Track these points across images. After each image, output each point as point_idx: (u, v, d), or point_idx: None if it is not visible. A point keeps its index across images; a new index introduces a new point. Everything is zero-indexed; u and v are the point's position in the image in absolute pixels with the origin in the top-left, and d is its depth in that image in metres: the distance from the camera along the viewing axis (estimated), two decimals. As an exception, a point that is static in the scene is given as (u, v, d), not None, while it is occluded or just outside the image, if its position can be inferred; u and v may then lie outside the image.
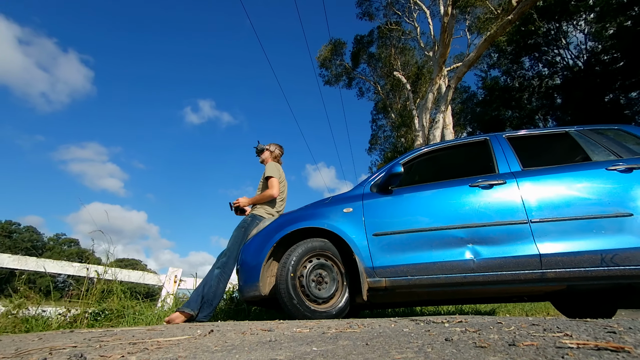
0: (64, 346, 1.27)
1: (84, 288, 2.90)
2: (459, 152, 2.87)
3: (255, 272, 2.36)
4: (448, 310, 4.74)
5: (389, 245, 2.22)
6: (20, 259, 3.08)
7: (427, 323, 1.59)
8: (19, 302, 2.55)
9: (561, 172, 2.20)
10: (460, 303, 2.71)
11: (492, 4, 11.46)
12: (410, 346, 1.02)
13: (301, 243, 2.33)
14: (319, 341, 1.19)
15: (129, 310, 2.83)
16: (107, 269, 3.15)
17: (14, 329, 2.35)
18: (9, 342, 1.46)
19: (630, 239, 1.90)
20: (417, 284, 2.12)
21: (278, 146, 3.37)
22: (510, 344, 0.95)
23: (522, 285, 2.03)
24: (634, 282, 1.92)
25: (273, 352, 1.05)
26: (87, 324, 2.59)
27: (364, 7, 17.01)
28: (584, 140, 2.46)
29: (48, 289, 2.80)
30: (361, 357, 0.90)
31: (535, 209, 2.09)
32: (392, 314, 3.99)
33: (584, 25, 17.64)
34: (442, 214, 2.22)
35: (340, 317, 2.24)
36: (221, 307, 3.57)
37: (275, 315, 3.27)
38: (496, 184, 2.24)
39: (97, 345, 1.28)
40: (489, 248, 2.07)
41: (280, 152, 3.38)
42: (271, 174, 3.02)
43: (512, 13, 9.24)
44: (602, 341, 0.92)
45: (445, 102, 10.63)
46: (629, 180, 2.05)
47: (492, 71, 21.68)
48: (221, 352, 1.09)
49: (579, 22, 17.60)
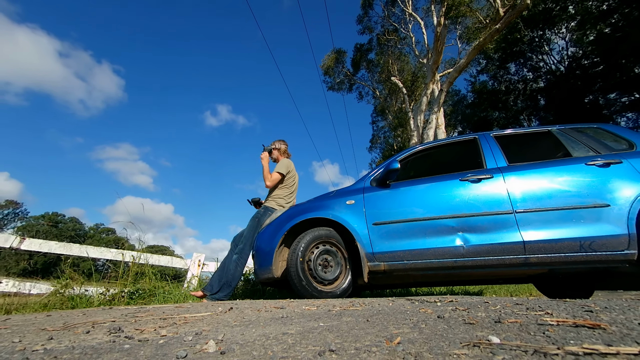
0: (104, 321, 1.30)
1: (120, 271, 2.95)
2: (451, 149, 2.84)
3: (268, 257, 2.38)
4: (440, 291, 4.73)
5: (387, 233, 2.21)
6: (66, 246, 3.15)
7: (422, 302, 1.59)
8: (66, 282, 2.61)
9: (544, 167, 2.16)
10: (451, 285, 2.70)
11: (481, 15, 11.18)
12: (407, 322, 1.02)
13: (309, 231, 2.33)
14: (325, 317, 1.20)
15: (160, 290, 2.88)
16: (140, 254, 3.20)
17: (62, 306, 2.41)
18: (58, 317, 1.50)
19: (606, 227, 1.87)
20: (412, 268, 2.11)
21: (281, 141, 3.33)
22: (496, 321, 0.95)
23: (507, 269, 2.01)
24: (610, 267, 1.89)
25: (285, 326, 1.06)
26: (124, 302, 2.64)
27: (364, 22, 16.78)
28: (565, 138, 2.41)
29: (90, 271, 2.86)
30: (363, 332, 0.91)
31: (520, 200, 2.06)
32: (390, 294, 3.99)
33: (565, 33, 17.13)
34: (435, 205, 2.21)
35: (344, 296, 2.25)
36: (239, 287, 3.61)
37: (286, 295, 3.30)
38: (484, 178, 2.21)
39: (133, 320, 1.31)
40: (477, 236, 2.05)
41: (286, 146, 3.34)
42: (278, 169, 3.02)
43: (499, 22, 9.01)
44: (580, 319, 0.91)
45: (438, 104, 10.47)
46: (606, 175, 2.01)
47: (481, 76, 21.27)
48: (239, 327, 1.10)
49: (561, 29, 17.11)
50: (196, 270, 3.90)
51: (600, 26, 14.44)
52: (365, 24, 16.76)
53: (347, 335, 0.88)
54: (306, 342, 0.82)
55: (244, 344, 0.83)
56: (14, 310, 2.36)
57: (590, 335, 0.74)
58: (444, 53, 11.73)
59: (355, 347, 0.75)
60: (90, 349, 0.82)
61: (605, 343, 0.68)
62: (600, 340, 0.70)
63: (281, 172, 3.00)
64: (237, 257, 2.70)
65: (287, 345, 0.80)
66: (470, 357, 0.63)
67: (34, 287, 2.87)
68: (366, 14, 16.52)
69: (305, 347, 0.78)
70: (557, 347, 0.66)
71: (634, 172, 1.98)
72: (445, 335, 0.82)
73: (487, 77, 21.00)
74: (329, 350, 0.73)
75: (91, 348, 0.84)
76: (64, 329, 1.16)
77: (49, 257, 19.23)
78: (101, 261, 3.47)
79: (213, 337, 0.92)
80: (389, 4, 15.45)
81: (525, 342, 0.72)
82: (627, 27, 13.01)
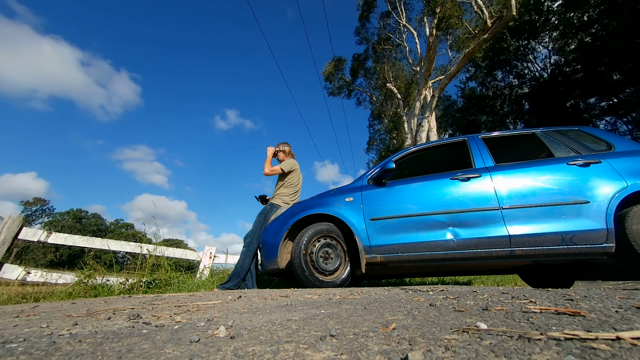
0: (124, 308, 1.31)
1: (138, 262, 2.97)
2: (442, 150, 2.82)
3: (274, 250, 2.38)
4: (432, 281, 4.72)
5: (383, 228, 2.21)
6: (89, 239, 3.16)
7: (415, 291, 1.59)
8: (89, 273, 2.63)
9: (528, 166, 2.15)
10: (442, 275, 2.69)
11: (470, 26, 11.09)
12: (401, 310, 1.02)
13: (311, 226, 2.33)
14: (326, 305, 1.20)
15: (174, 280, 2.89)
16: (157, 247, 3.22)
17: (85, 294, 2.43)
18: (82, 305, 1.51)
19: (586, 222, 1.86)
20: (406, 260, 2.11)
21: (285, 144, 3.34)
22: (484, 308, 0.95)
23: (494, 260, 2.00)
24: (589, 259, 1.88)
25: (289, 313, 1.06)
26: (142, 291, 2.65)
27: (361, 34, 16.75)
28: (548, 139, 2.39)
29: (111, 263, 2.88)
30: (361, 318, 0.91)
31: (506, 197, 2.05)
32: (385, 284, 3.99)
33: (548, 42, 16.97)
34: (427, 202, 2.20)
35: (343, 286, 2.25)
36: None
37: (290, 285, 3.30)
38: (473, 177, 2.20)
39: (150, 307, 1.32)
40: (466, 230, 2.04)
41: (289, 147, 3.36)
42: (282, 165, 3.03)
43: (487, 33, 8.95)
44: (562, 307, 0.91)
45: (430, 109, 10.42)
46: (586, 173, 2.00)
47: (470, 82, 21.12)
48: (248, 314, 1.11)
49: (544, 39, 16.96)
50: (208, 262, 3.91)
51: (581, 35, 14.31)
52: (362, 35, 16.74)
53: (346, 321, 0.88)
54: (309, 327, 0.83)
55: (252, 329, 0.84)
56: (42, 298, 2.38)
57: (571, 322, 0.74)
58: (435, 61, 11.68)
59: (354, 332, 0.75)
60: (111, 334, 0.83)
61: (584, 329, 0.68)
62: (580, 327, 0.70)
63: (283, 168, 3.01)
64: (245, 250, 2.71)
65: (291, 331, 0.80)
66: (459, 342, 0.63)
67: (60, 277, 2.89)
68: (363, 26, 16.47)
69: (308, 332, 0.78)
70: (540, 332, 0.65)
71: (612, 171, 1.97)
72: (437, 322, 0.82)
73: (476, 84, 20.89)
74: (330, 335, 0.73)
75: (112, 333, 0.84)
76: (87, 315, 1.17)
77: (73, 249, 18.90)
78: (121, 254, 3.48)
79: (223, 323, 0.92)
80: (384, 16, 15.38)
81: (510, 328, 0.72)
82: (606, 36, 12.88)
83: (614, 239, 1.80)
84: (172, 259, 3.44)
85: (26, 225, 2.92)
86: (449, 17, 10.74)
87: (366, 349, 0.62)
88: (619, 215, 1.86)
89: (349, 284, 2.39)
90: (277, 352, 0.63)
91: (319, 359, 0.58)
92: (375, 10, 15.72)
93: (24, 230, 2.86)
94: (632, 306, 0.89)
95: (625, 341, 0.58)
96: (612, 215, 1.83)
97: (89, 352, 0.66)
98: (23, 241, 2.95)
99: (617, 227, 1.83)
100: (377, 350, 0.61)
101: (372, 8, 15.62)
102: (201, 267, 3.80)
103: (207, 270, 3.76)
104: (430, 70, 11.44)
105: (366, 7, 15.72)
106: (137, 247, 3.24)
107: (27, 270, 2.77)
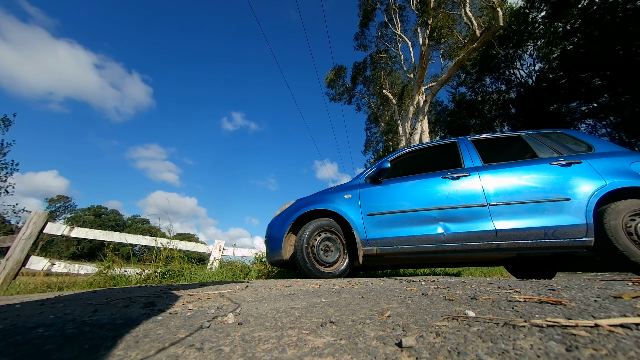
0: (141, 296, 1.32)
1: (153, 255, 2.98)
2: (434, 151, 2.82)
3: (278, 243, 2.39)
4: (424, 272, 4.72)
5: (379, 223, 2.21)
6: (108, 234, 3.18)
7: (408, 282, 1.59)
8: (108, 264, 2.64)
9: (514, 166, 2.14)
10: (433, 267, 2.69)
11: (460, 36, 11.02)
12: (395, 298, 1.02)
13: (313, 221, 2.34)
14: (327, 294, 1.21)
15: (187, 270, 2.90)
16: (170, 241, 3.23)
17: (105, 284, 2.44)
18: (102, 294, 1.52)
19: (567, 218, 1.85)
20: (400, 252, 2.11)
21: None
22: (472, 297, 0.95)
23: (482, 253, 2.00)
24: (570, 252, 1.88)
25: (292, 302, 1.07)
26: (157, 281, 2.67)
27: (360, 40, 16.79)
28: (532, 141, 2.38)
29: (128, 255, 2.89)
30: (358, 307, 0.91)
31: (493, 195, 2.05)
32: (381, 275, 4.00)
33: (533, 50, 16.86)
34: (420, 198, 2.20)
35: (342, 276, 2.26)
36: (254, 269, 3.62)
37: (293, 275, 3.31)
38: (462, 176, 2.19)
39: (164, 296, 1.32)
40: (456, 225, 2.04)
41: None
42: None
43: (476, 42, 8.89)
44: (544, 296, 0.91)
45: (423, 113, 10.38)
46: (568, 173, 1.99)
47: (460, 88, 21.01)
48: (254, 302, 1.11)
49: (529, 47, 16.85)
50: (217, 254, 3.92)
51: (564, 44, 14.21)
52: (361, 42, 16.79)
53: (345, 309, 0.88)
54: (310, 315, 0.83)
55: (258, 316, 0.84)
56: (65, 287, 2.39)
57: (552, 310, 0.74)
58: (428, 69, 11.60)
59: (352, 319, 0.75)
60: (129, 320, 0.83)
61: (565, 317, 0.68)
62: (562, 315, 0.70)
63: None
64: None
65: (294, 318, 0.80)
66: (449, 328, 0.63)
67: (81, 268, 2.90)
68: (362, 33, 16.50)
69: (310, 319, 0.78)
70: (524, 320, 0.65)
71: (592, 171, 1.96)
72: (429, 310, 0.82)
73: (466, 89, 20.79)
74: (330, 322, 0.73)
75: (130, 319, 0.85)
76: (107, 303, 1.17)
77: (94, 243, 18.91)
78: (137, 246, 3.50)
79: (232, 311, 0.93)
80: (382, 26, 15.41)
81: (497, 316, 0.72)
82: (588, 44, 12.78)
83: (593, 233, 1.80)
84: (185, 251, 3.45)
85: (50, 220, 2.94)
86: (441, 27, 10.67)
87: (363, 334, 0.62)
88: (598, 211, 1.85)
89: (348, 274, 2.40)
90: (282, 337, 0.63)
91: (320, 344, 0.58)
92: (374, 19, 15.77)
93: (49, 225, 2.87)
94: (610, 295, 0.88)
95: (603, 328, 0.58)
96: (592, 211, 1.83)
97: (109, 337, 0.67)
98: (48, 235, 2.96)
99: (596, 223, 1.82)
100: (374, 336, 0.61)
101: (372, 17, 15.67)
102: (211, 259, 3.82)
103: (217, 262, 3.77)
104: (423, 77, 11.38)
105: (365, 16, 15.74)
106: (152, 241, 3.25)
107: (52, 261, 2.79)
